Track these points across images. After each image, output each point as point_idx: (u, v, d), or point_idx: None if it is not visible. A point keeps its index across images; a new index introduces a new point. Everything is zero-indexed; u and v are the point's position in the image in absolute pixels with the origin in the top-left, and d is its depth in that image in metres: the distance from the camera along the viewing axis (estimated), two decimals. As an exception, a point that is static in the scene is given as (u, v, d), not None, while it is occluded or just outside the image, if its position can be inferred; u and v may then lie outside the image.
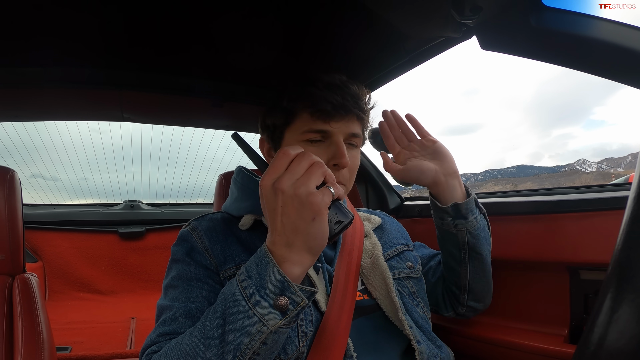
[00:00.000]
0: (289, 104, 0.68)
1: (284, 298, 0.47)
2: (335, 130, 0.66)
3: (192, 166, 2.85)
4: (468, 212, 0.74)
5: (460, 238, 0.75)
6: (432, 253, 0.90)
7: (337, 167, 0.66)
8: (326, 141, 0.67)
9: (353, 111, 0.67)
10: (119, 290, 2.24)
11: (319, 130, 0.66)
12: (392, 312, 0.66)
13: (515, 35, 0.61)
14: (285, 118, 0.69)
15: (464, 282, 0.78)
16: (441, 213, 0.75)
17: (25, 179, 2.59)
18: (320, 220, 0.47)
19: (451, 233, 0.76)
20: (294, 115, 0.68)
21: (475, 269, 0.77)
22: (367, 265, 0.71)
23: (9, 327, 0.77)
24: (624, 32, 0.52)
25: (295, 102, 0.68)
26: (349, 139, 0.68)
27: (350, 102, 0.66)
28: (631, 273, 0.26)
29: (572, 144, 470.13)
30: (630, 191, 0.29)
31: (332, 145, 0.66)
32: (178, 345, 0.52)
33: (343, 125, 0.67)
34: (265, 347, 0.47)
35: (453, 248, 0.77)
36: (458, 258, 0.77)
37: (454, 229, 0.75)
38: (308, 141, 0.67)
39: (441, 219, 0.76)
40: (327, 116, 0.65)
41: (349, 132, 0.67)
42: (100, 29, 0.81)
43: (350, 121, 0.68)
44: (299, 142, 0.67)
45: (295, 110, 0.68)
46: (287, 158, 0.49)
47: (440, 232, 0.79)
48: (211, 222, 0.70)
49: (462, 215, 0.73)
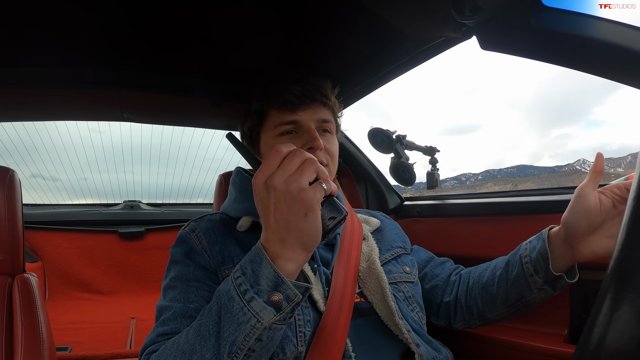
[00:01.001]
0: (258, 105, 0.72)
1: (277, 294, 0.47)
2: (303, 118, 0.69)
3: (192, 166, 2.85)
4: (562, 288, 0.65)
5: (531, 297, 0.66)
6: (428, 257, 0.87)
7: (313, 150, 0.68)
8: (299, 131, 0.70)
9: (317, 98, 0.70)
10: (119, 290, 2.24)
11: (289, 122, 0.69)
12: (388, 316, 0.66)
13: (515, 35, 0.61)
14: (258, 119, 0.73)
15: (492, 317, 0.73)
16: (540, 269, 0.63)
17: (25, 179, 2.59)
18: (312, 216, 0.47)
19: (529, 288, 0.65)
20: (265, 115, 0.72)
21: (513, 315, 0.71)
22: (363, 269, 0.71)
23: (9, 327, 0.77)
24: (624, 32, 0.52)
25: (263, 103, 0.72)
26: (321, 125, 0.71)
27: (311, 90, 0.70)
28: (631, 273, 0.26)
29: (571, 144, 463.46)
30: (630, 191, 0.29)
31: (304, 133, 0.69)
32: (175, 344, 0.52)
33: (310, 113, 0.70)
34: (260, 344, 0.47)
35: (515, 295, 0.68)
36: (511, 304, 0.69)
37: (536, 289, 0.65)
38: (281, 134, 0.70)
39: (535, 272, 0.64)
40: (293, 106, 0.69)
41: (318, 118, 0.70)
42: (100, 29, 0.81)
43: (317, 109, 0.71)
44: (274, 138, 0.70)
45: (264, 109, 0.72)
46: (279, 155, 0.49)
47: (516, 276, 0.67)
48: (210, 223, 0.70)
49: (555, 287, 0.64)
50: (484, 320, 0.75)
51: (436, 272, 0.83)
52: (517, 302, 0.68)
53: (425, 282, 0.83)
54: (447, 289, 0.80)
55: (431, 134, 39.94)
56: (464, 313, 0.77)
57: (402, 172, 1.31)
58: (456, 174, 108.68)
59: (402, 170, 1.31)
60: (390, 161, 1.33)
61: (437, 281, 0.82)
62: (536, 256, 0.64)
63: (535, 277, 0.64)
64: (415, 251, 0.89)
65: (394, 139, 1.29)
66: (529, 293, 0.66)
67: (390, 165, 1.33)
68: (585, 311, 0.83)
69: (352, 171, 1.33)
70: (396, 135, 1.30)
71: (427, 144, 1.37)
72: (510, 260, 0.70)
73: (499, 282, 0.70)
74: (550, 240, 0.63)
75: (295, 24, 0.83)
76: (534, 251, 0.65)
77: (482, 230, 1.01)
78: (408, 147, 1.33)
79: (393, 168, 1.32)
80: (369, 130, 1.30)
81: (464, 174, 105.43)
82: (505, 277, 0.69)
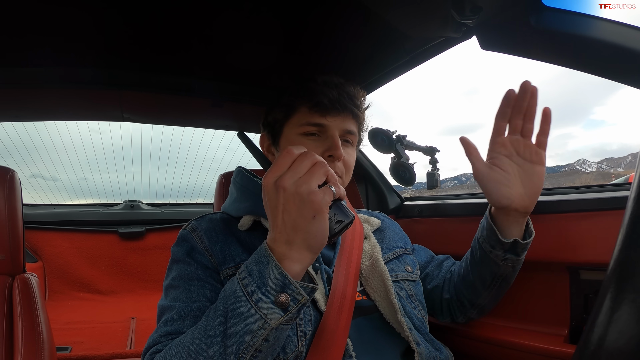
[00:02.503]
0: (289, 99, 0.72)
1: (284, 295, 0.47)
2: (331, 124, 0.69)
3: (192, 166, 2.85)
4: (523, 250, 0.70)
5: (502, 270, 0.72)
6: (429, 258, 0.89)
7: (332, 159, 0.68)
8: (322, 135, 0.70)
9: (349, 107, 0.70)
10: (119, 290, 2.24)
11: (315, 124, 0.69)
12: (391, 314, 0.66)
13: (515, 35, 0.61)
14: (285, 112, 0.73)
15: (480, 302, 0.78)
16: (494, 243, 0.69)
17: (25, 179, 2.59)
18: (320, 219, 0.47)
19: (494, 262, 0.71)
20: (294, 110, 0.72)
21: (498, 294, 0.77)
22: (366, 267, 0.71)
23: (9, 327, 0.77)
24: (624, 32, 0.52)
25: (295, 97, 0.71)
26: (345, 136, 0.71)
27: (346, 99, 0.70)
28: (631, 273, 0.26)
29: (572, 144, 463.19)
30: (630, 191, 0.29)
31: (327, 139, 0.69)
32: (180, 344, 0.52)
33: (339, 120, 0.70)
34: (267, 344, 0.47)
35: (487, 274, 0.74)
36: (488, 284, 0.75)
37: (501, 261, 0.70)
38: (305, 134, 0.70)
39: (492, 247, 0.70)
40: (324, 110, 0.68)
41: (345, 128, 0.71)
42: (101, 29, 0.81)
43: (346, 118, 0.71)
44: (297, 136, 0.70)
45: (294, 104, 0.71)
46: (290, 157, 0.49)
47: (481, 257, 0.73)
48: (210, 223, 0.70)
49: (517, 252, 0.69)
50: (477, 307, 0.79)
51: (435, 273, 0.86)
52: (493, 280, 0.73)
53: (426, 282, 0.84)
54: (444, 287, 0.84)
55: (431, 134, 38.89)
56: (459, 307, 0.81)
57: (402, 172, 1.31)
58: (456, 174, 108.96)
59: (402, 170, 1.31)
60: (390, 161, 1.33)
61: (438, 281, 0.84)
62: (487, 233, 0.71)
63: (495, 252, 0.70)
64: (416, 251, 0.90)
65: (394, 139, 1.29)
66: (498, 268, 0.72)
67: (391, 165, 1.33)
68: (585, 311, 0.83)
69: (352, 171, 1.33)
70: (396, 135, 1.30)
71: (427, 144, 1.37)
72: (472, 246, 0.77)
73: (471, 268, 0.76)
74: (492, 215, 0.71)
75: (295, 24, 0.83)
76: (484, 230, 0.72)
77: (482, 230, 1.01)
78: (408, 147, 1.33)
79: (393, 168, 1.32)
80: (369, 130, 1.30)
81: (464, 174, 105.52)
82: (473, 261, 0.76)
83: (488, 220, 0.71)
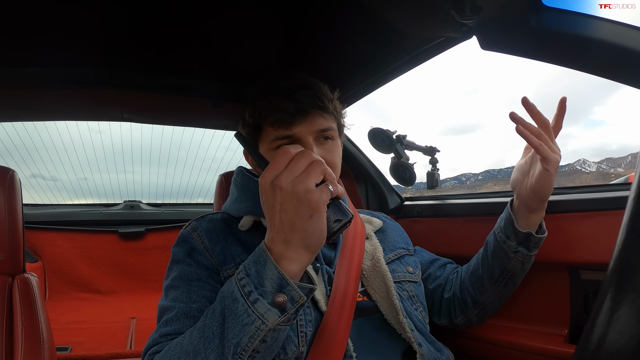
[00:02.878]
0: (251, 119, 0.69)
1: (282, 295, 0.47)
2: (299, 133, 0.65)
3: (192, 166, 2.85)
4: (535, 246, 0.73)
5: (512, 264, 0.73)
6: (432, 258, 0.89)
7: None
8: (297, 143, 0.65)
9: (311, 111, 0.65)
10: (119, 290, 2.24)
11: (284, 137, 0.65)
12: (392, 315, 0.66)
13: (515, 35, 0.61)
14: (253, 133, 0.70)
15: (484, 300, 0.78)
16: (510, 233, 0.73)
17: (25, 179, 2.59)
18: (318, 218, 0.47)
19: (506, 255, 0.73)
20: (260, 129, 0.69)
21: (503, 293, 0.77)
22: (367, 268, 0.71)
23: (9, 327, 0.77)
24: (624, 32, 0.52)
25: (256, 118, 0.68)
26: (320, 134, 0.67)
27: (306, 102, 0.64)
28: (631, 273, 0.26)
29: (572, 143, 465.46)
30: (630, 191, 0.29)
31: None
32: (179, 345, 0.52)
33: (307, 126, 0.65)
34: (265, 345, 0.47)
35: (497, 268, 0.75)
36: (496, 279, 0.76)
37: (512, 253, 0.72)
38: (278, 148, 0.66)
39: (506, 237, 0.73)
40: (287, 123, 0.64)
41: (317, 129, 0.66)
42: (100, 29, 0.81)
43: (314, 119, 0.66)
44: (271, 151, 0.67)
45: (258, 124, 0.68)
46: (287, 156, 0.49)
47: (494, 248, 0.75)
48: (211, 223, 0.70)
49: (529, 246, 0.72)
50: (479, 306, 0.79)
51: (438, 273, 0.86)
52: (501, 275, 0.75)
53: (428, 282, 0.84)
54: (446, 286, 0.83)
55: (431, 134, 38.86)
56: (461, 305, 0.81)
57: (402, 172, 1.31)
58: (456, 174, 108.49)
59: (402, 170, 1.31)
60: (390, 161, 1.33)
61: (440, 281, 0.84)
62: (504, 223, 0.74)
63: (508, 242, 0.73)
64: (418, 252, 0.90)
65: (394, 139, 1.29)
66: (508, 260, 0.73)
67: (391, 165, 1.33)
68: (585, 311, 0.83)
69: (352, 171, 1.33)
70: (396, 135, 1.30)
71: (427, 144, 1.37)
72: (487, 240, 0.79)
73: (482, 262, 0.78)
74: (512, 207, 0.74)
75: (295, 24, 0.83)
76: (502, 221, 0.75)
77: (482, 230, 1.00)
78: (408, 147, 1.33)
79: (393, 168, 1.32)
80: (369, 130, 1.30)
81: (464, 174, 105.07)
82: (486, 254, 0.77)
83: (508, 212, 0.74)
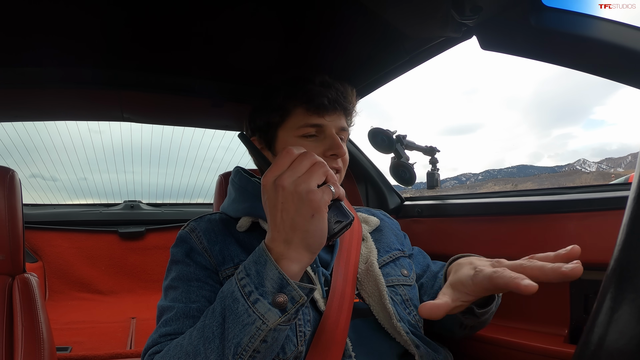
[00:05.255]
0: (285, 101, 0.71)
1: (282, 295, 0.47)
2: (329, 123, 0.70)
3: (192, 166, 2.85)
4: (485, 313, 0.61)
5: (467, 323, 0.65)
6: (424, 266, 0.83)
7: (335, 157, 0.70)
8: (320, 135, 0.71)
9: (344, 105, 0.72)
10: (119, 290, 2.24)
11: (314, 125, 0.70)
12: (386, 319, 0.66)
13: (515, 35, 0.61)
14: (280, 116, 0.72)
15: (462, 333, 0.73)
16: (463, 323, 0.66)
17: (25, 179, 2.58)
18: (319, 218, 0.47)
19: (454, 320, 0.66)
20: (289, 112, 0.71)
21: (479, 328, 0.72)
22: (361, 271, 0.71)
23: (9, 327, 0.77)
24: (624, 32, 0.52)
25: (290, 99, 0.71)
26: (339, 133, 0.72)
27: (340, 97, 0.71)
28: (631, 273, 0.25)
29: (572, 143, 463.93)
30: (630, 191, 0.28)
31: (326, 139, 0.70)
32: (179, 345, 0.52)
33: (335, 119, 0.71)
34: (265, 345, 0.47)
35: (455, 327, 0.70)
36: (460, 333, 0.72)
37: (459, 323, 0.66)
38: (303, 136, 0.70)
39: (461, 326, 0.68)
40: (323, 110, 0.69)
41: (340, 126, 0.72)
42: (101, 29, 0.81)
43: (341, 116, 0.73)
44: (295, 138, 0.70)
45: (289, 107, 0.71)
46: (290, 156, 0.49)
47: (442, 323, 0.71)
48: (209, 223, 0.70)
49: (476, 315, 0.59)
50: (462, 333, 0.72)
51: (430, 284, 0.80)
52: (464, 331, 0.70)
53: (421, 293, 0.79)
54: None
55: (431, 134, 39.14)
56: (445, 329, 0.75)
57: (402, 172, 1.31)
58: (456, 174, 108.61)
59: (402, 170, 1.31)
60: (390, 161, 1.33)
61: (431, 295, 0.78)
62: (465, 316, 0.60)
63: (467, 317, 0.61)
64: (416, 255, 0.87)
65: (394, 139, 1.29)
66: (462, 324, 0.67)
67: (391, 165, 1.33)
68: (585, 311, 0.83)
69: (352, 171, 1.33)
70: (396, 135, 1.30)
71: (427, 144, 1.37)
72: None
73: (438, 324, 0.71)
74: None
75: (295, 24, 0.83)
76: None
77: (482, 230, 1.01)
78: (408, 147, 1.33)
79: (393, 168, 1.32)
80: (369, 130, 1.30)
81: (464, 174, 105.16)
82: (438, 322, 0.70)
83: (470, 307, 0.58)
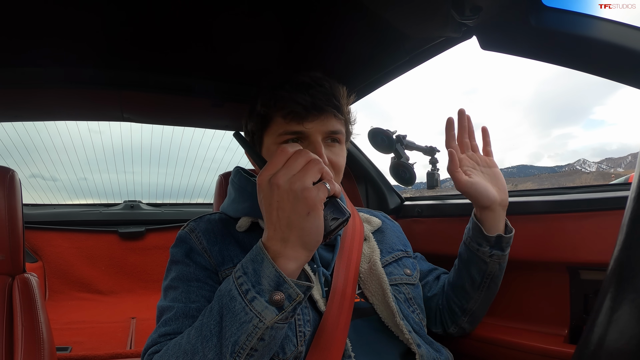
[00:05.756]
0: (262, 108, 0.68)
1: (279, 293, 0.47)
2: (310, 130, 0.64)
3: (192, 166, 2.84)
4: (507, 245, 0.75)
5: (490, 267, 0.75)
6: (430, 268, 0.89)
7: None
8: (304, 142, 0.65)
9: (327, 109, 0.65)
10: (119, 290, 2.24)
11: (294, 132, 0.65)
12: (389, 317, 0.66)
13: (515, 35, 0.61)
14: (261, 123, 0.69)
15: (471, 306, 0.79)
16: (481, 240, 0.75)
17: (25, 179, 2.58)
18: (314, 215, 0.47)
19: (482, 260, 0.75)
20: (269, 120, 0.68)
21: (488, 296, 0.78)
22: (364, 270, 0.71)
23: (9, 327, 0.77)
24: (624, 32, 0.52)
25: (268, 107, 0.67)
26: (329, 136, 0.67)
27: (322, 100, 0.64)
28: (631, 273, 0.26)
29: (572, 144, 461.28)
30: (630, 191, 0.29)
31: (310, 145, 0.65)
32: (177, 345, 0.52)
33: (319, 124, 0.65)
34: (262, 343, 0.47)
35: (477, 274, 0.77)
36: (478, 284, 0.77)
37: (488, 258, 0.75)
38: (285, 143, 0.66)
39: (479, 245, 0.75)
40: (299, 117, 0.64)
41: (327, 129, 0.66)
42: (101, 29, 0.81)
43: (327, 119, 0.65)
44: (277, 145, 0.66)
45: (269, 114, 0.67)
46: (285, 155, 0.49)
47: (469, 255, 0.78)
48: (209, 224, 0.70)
49: (502, 247, 0.74)
50: (467, 313, 0.80)
51: (435, 282, 0.86)
52: (483, 279, 0.77)
53: (426, 290, 0.84)
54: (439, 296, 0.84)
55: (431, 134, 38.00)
56: (451, 315, 0.81)
57: (402, 172, 1.31)
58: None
59: (402, 170, 1.31)
60: (390, 161, 1.33)
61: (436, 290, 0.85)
62: (472, 233, 0.77)
63: (482, 249, 0.75)
64: (418, 260, 0.90)
65: (394, 139, 1.29)
66: (485, 265, 0.76)
67: (390, 165, 1.33)
68: (585, 311, 0.83)
69: (352, 171, 1.33)
70: (396, 135, 1.30)
71: (427, 144, 1.37)
72: (460, 252, 0.81)
73: (460, 272, 0.80)
74: (476, 217, 0.77)
75: (295, 24, 0.83)
76: (470, 231, 0.78)
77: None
78: (408, 147, 1.33)
79: (393, 168, 1.32)
80: (369, 130, 1.30)
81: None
82: (462, 265, 0.79)
83: (474, 221, 0.77)
